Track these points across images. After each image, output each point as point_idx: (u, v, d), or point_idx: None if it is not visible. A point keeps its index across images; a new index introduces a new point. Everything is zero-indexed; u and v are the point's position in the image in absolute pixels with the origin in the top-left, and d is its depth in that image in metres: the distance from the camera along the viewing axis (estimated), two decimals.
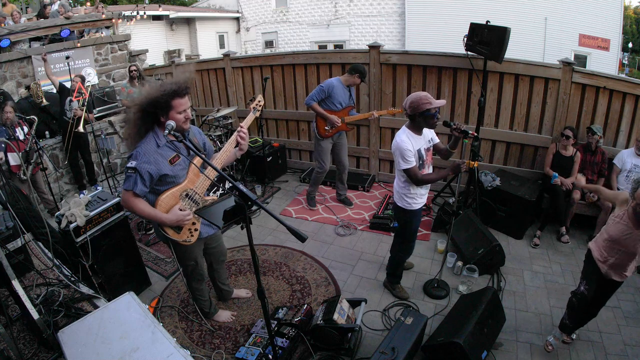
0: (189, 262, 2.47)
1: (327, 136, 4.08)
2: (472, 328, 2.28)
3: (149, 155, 2.04)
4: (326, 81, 3.97)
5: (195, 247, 2.40)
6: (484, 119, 4.19)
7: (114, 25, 7.92)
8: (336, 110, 4.00)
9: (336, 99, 3.95)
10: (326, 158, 4.21)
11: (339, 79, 3.98)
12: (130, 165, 2.02)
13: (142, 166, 2.02)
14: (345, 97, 4.01)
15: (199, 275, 2.59)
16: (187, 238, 2.23)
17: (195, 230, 2.26)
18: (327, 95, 3.92)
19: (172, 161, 2.12)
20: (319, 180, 4.41)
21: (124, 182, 2.07)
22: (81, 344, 1.66)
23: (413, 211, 2.77)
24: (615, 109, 3.79)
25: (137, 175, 2.01)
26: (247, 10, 15.76)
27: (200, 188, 2.24)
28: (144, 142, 2.08)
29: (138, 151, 2.04)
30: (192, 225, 2.24)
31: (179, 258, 2.46)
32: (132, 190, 2.02)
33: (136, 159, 2.02)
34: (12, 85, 6.05)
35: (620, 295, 3.04)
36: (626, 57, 20.68)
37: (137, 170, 2.01)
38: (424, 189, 2.75)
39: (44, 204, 4.59)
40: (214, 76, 5.96)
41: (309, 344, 2.55)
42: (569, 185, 3.76)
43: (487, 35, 3.52)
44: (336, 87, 3.91)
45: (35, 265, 2.57)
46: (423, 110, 2.47)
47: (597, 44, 11.19)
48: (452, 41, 5.94)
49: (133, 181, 2.02)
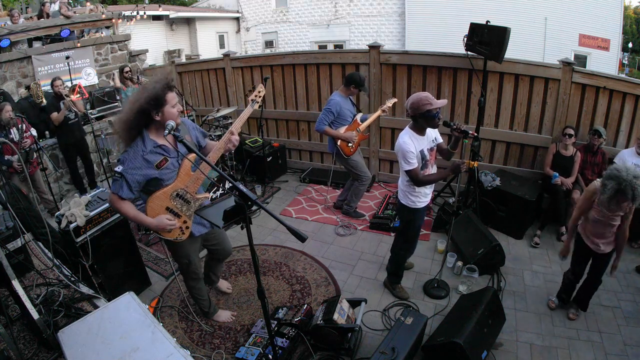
0: (182, 259, 2.49)
1: (353, 153, 3.94)
2: (472, 328, 2.28)
3: (135, 161, 2.05)
4: (330, 101, 3.83)
5: (188, 245, 2.40)
6: (484, 119, 4.18)
7: (114, 25, 7.93)
8: (349, 124, 3.89)
9: (345, 114, 3.84)
10: (364, 168, 4.07)
11: (338, 93, 3.86)
12: (117, 170, 2.04)
13: (129, 172, 2.04)
14: (351, 107, 3.93)
15: (193, 274, 2.60)
16: (177, 237, 2.28)
17: (187, 228, 2.29)
18: (336, 115, 3.80)
19: (159, 165, 2.12)
20: (362, 193, 4.22)
21: (112, 184, 2.10)
22: (81, 344, 1.66)
23: (417, 209, 2.77)
24: (615, 109, 3.78)
25: (123, 180, 2.04)
26: (247, 10, 15.76)
27: (192, 187, 2.24)
28: (132, 147, 2.08)
29: (125, 157, 2.06)
30: (183, 224, 2.27)
31: (173, 255, 2.52)
32: (118, 194, 2.05)
33: (123, 164, 2.04)
34: (12, 85, 6.06)
35: (620, 295, 3.05)
36: (626, 57, 20.68)
37: (123, 175, 2.03)
38: (428, 188, 2.75)
39: (44, 204, 4.59)
40: (214, 76, 5.96)
41: (309, 344, 2.55)
42: (569, 185, 3.76)
43: (487, 35, 3.52)
44: (341, 103, 3.80)
45: (35, 265, 2.58)
46: (424, 111, 2.46)
47: (597, 44, 11.19)
48: (452, 41, 5.94)
49: (119, 185, 2.05)
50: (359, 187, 4.14)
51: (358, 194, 4.22)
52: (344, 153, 3.91)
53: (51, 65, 6.50)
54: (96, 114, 5.62)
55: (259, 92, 2.55)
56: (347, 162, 4.00)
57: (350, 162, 3.99)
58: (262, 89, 2.58)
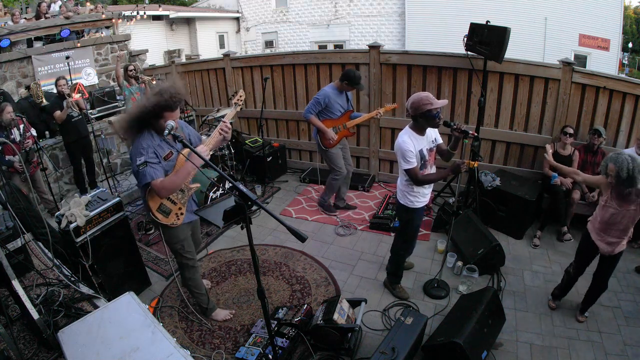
0: (176, 243, 2.58)
1: (332, 146, 4.03)
2: (472, 328, 2.28)
3: (152, 149, 2.22)
4: (321, 91, 3.89)
5: (181, 230, 2.56)
6: (484, 119, 4.18)
7: (114, 25, 7.94)
8: (337, 117, 3.95)
9: (334, 107, 3.89)
10: (340, 162, 4.12)
11: (333, 86, 3.91)
12: (141, 162, 2.17)
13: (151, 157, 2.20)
14: (344, 102, 3.96)
15: (189, 260, 2.66)
16: (174, 221, 2.45)
17: (182, 214, 2.49)
18: (324, 106, 3.86)
19: (167, 157, 2.30)
20: (335, 187, 4.28)
21: (141, 179, 2.19)
22: (81, 344, 1.66)
23: (415, 209, 2.78)
24: (615, 109, 3.78)
25: (150, 166, 2.18)
26: (247, 10, 15.75)
27: None
28: (143, 138, 2.23)
29: (140, 146, 2.20)
30: (178, 210, 2.46)
31: (168, 241, 2.61)
32: (157, 178, 2.19)
33: (142, 154, 2.18)
34: (12, 85, 6.06)
35: (620, 296, 3.05)
36: (626, 57, 20.67)
37: (147, 163, 2.17)
38: (427, 188, 2.76)
39: (44, 204, 4.59)
40: (214, 76, 5.96)
41: (309, 344, 2.55)
42: (569, 185, 3.75)
43: (487, 35, 3.52)
44: (331, 96, 3.85)
45: (35, 265, 2.57)
46: (424, 111, 2.47)
47: (597, 44, 11.19)
48: (452, 41, 5.94)
49: (151, 172, 2.18)
50: (332, 180, 4.25)
51: (331, 188, 4.32)
52: (322, 144, 4.03)
53: (51, 65, 6.50)
54: (96, 114, 5.62)
55: (240, 97, 2.70)
56: (325, 153, 4.12)
57: (328, 153, 4.10)
58: (243, 94, 2.74)
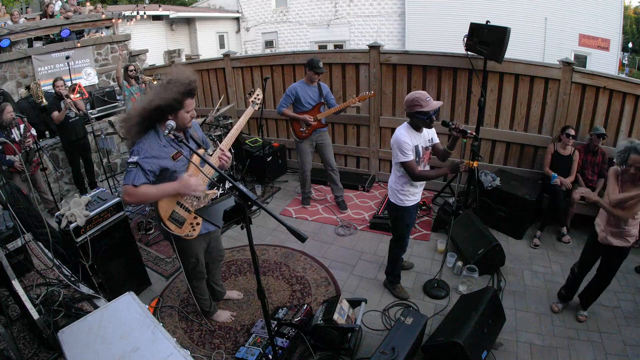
0: (190, 258, 2.45)
1: (305, 137, 4.15)
2: (472, 328, 2.28)
3: (151, 150, 2.05)
4: (290, 86, 4.09)
5: (197, 243, 2.40)
6: (483, 119, 4.18)
7: (114, 25, 7.93)
8: (307, 110, 4.08)
9: (304, 99, 4.04)
10: (305, 159, 4.28)
11: (302, 80, 4.09)
12: (132, 160, 2.01)
13: (145, 161, 2.02)
14: (314, 95, 4.08)
15: (199, 273, 2.58)
16: (189, 232, 2.22)
17: (197, 224, 2.25)
18: (294, 99, 4.05)
19: (175, 157, 2.13)
20: (304, 181, 4.47)
21: (124, 177, 2.05)
22: (81, 344, 1.66)
23: (405, 208, 2.79)
24: (615, 109, 3.78)
25: (138, 169, 2.00)
26: (247, 10, 15.75)
27: (202, 182, 2.22)
28: (146, 138, 2.07)
29: (140, 147, 2.04)
30: (193, 220, 2.24)
31: (181, 254, 2.43)
32: (132, 184, 1.99)
33: (138, 154, 2.02)
34: (12, 85, 6.06)
35: (620, 295, 3.05)
36: (626, 57, 20.67)
37: (138, 164, 2.00)
38: (418, 187, 2.76)
39: (44, 204, 4.59)
40: (214, 76, 5.96)
41: (309, 344, 2.55)
42: (569, 185, 3.75)
43: (487, 35, 3.53)
44: (300, 89, 4.02)
45: (35, 265, 2.57)
46: (413, 112, 2.50)
47: (597, 44, 11.19)
48: (452, 41, 5.93)
49: (133, 175, 1.99)
50: (300, 176, 4.45)
51: (302, 183, 4.52)
52: (295, 134, 4.19)
53: (51, 65, 6.50)
54: (96, 114, 5.62)
55: (257, 96, 2.66)
56: (296, 146, 4.29)
57: (298, 147, 4.26)
58: (260, 94, 2.69)
